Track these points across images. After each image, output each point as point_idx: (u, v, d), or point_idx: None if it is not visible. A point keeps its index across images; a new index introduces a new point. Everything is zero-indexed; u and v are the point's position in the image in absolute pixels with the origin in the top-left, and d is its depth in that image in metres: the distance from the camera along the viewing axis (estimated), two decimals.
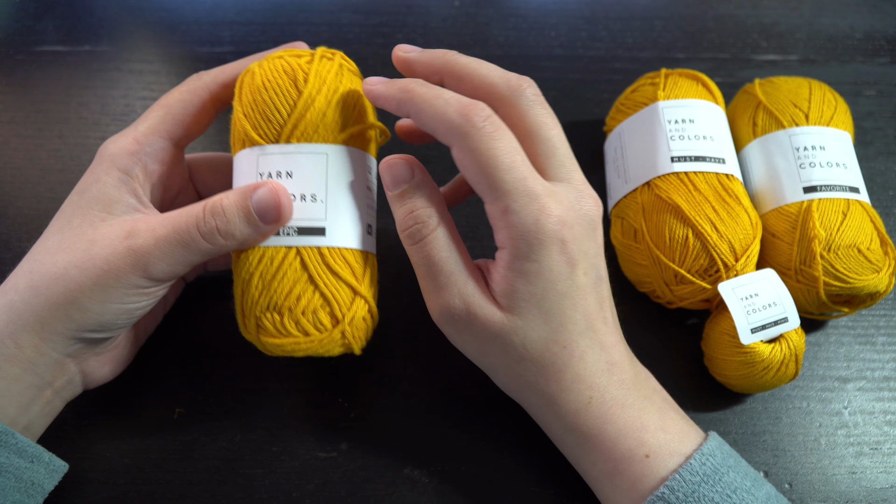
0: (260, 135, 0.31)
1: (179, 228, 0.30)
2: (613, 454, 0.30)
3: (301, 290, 0.31)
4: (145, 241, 0.30)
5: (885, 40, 0.54)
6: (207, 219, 0.30)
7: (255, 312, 0.31)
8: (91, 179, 0.32)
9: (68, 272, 0.29)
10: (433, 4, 0.54)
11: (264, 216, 0.30)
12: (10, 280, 0.31)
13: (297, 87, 0.31)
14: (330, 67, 0.32)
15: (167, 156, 0.34)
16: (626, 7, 0.55)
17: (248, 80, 0.32)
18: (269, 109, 0.31)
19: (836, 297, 0.38)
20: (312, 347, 0.31)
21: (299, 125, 0.31)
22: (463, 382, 0.39)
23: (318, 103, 0.31)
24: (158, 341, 0.39)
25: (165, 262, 0.30)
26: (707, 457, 0.29)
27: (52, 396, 0.32)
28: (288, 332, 0.31)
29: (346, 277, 0.31)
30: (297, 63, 0.32)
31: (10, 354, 0.29)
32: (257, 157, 0.31)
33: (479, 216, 0.44)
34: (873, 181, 0.47)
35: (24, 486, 0.30)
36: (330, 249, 0.31)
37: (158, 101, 0.34)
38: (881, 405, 0.39)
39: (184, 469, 0.36)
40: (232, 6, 0.53)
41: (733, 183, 0.38)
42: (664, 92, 0.41)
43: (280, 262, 0.31)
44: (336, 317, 0.31)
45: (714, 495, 0.28)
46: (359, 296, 0.32)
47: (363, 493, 0.35)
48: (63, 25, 0.52)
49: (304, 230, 0.31)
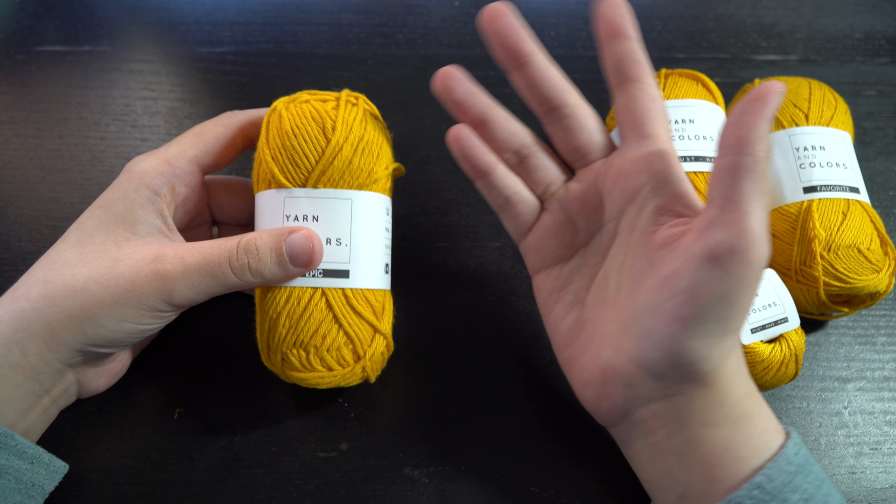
0: (287, 178, 0.32)
1: (210, 260, 0.31)
2: (768, 425, 0.30)
3: (326, 330, 0.33)
4: (174, 268, 0.30)
5: (885, 40, 0.54)
6: (240, 255, 0.31)
7: (282, 349, 0.33)
8: (118, 195, 0.32)
9: (88, 287, 0.30)
10: (433, 4, 0.54)
11: (296, 260, 0.32)
12: (20, 287, 0.31)
13: (325, 134, 0.32)
14: (355, 114, 0.33)
15: (194, 181, 0.34)
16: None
17: (276, 122, 0.33)
18: (297, 155, 0.32)
19: (836, 298, 0.38)
20: (335, 381, 0.33)
21: (327, 172, 0.32)
22: (463, 382, 0.39)
23: (344, 151, 0.32)
24: (159, 341, 0.39)
25: (190, 290, 0.31)
26: (800, 446, 0.29)
27: (49, 404, 0.32)
28: (313, 367, 0.33)
29: (368, 317, 0.33)
30: (325, 110, 0.33)
31: (15, 362, 0.29)
32: (284, 199, 0.33)
33: (480, 216, 0.44)
34: (873, 181, 0.47)
35: (24, 488, 0.30)
36: (353, 291, 0.33)
37: (192, 129, 0.35)
38: (881, 405, 0.39)
39: (184, 469, 0.36)
40: (232, 6, 0.53)
41: None
42: (664, 92, 0.41)
43: (307, 302, 0.32)
44: (358, 353, 0.33)
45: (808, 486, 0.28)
46: (378, 333, 0.34)
47: (363, 493, 0.35)
48: (63, 25, 0.52)
49: (329, 272, 0.33)
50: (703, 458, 0.29)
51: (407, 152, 0.46)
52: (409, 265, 0.42)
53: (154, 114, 0.48)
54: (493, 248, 0.43)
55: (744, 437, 0.29)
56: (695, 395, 0.29)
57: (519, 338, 0.40)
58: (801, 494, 0.28)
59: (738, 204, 0.26)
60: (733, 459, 0.29)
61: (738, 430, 0.29)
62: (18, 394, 0.30)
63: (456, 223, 0.44)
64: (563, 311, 0.34)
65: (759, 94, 0.27)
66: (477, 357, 0.39)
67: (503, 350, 0.40)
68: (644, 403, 0.30)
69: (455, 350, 0.40)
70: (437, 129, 0.47)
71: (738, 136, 0.27)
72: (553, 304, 0.35)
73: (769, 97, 0.27)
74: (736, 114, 0.27)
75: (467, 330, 0.40)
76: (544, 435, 0.37)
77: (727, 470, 0.29)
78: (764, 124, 0.27)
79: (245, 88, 0.49)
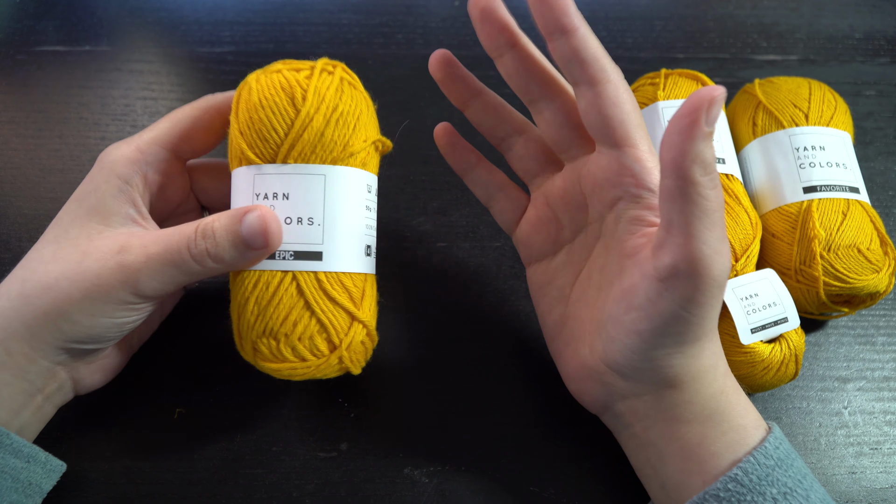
0: (256, 154, 0.31)
1: (171, 248, 0.30)
2: (744, 421, 0.30)
3: (297, 317, 0.30)
4: (136, 258, 0.30)
5: (885, 40, 0.54)
6: (198, 241, 0.30)
7: (252, 337, 0.31)
8: (90, 188, 0.32)
9: (59, 283, 0.29)
10: (433, 4, 0.54)
11: (252, 242, 0.30)
12: (3, 286, 0.31)
13: (294, 105, 0.30)
14: (330, 82, 0.31)
15: (169, 167, 0.34)
16: (626, 7, 0.55)
17: (245, 95, 0.31)
18: (265, 129, 0.30)
19: (836, 297, 0.38)
20: (309, 372, 0.31)
21: (296, 145, 0.30)
22: (463, 382, 0.39)
23: (315, 122, 0.30)
24: (159, 341, 0.39)
25: (155, 280, 0.30)
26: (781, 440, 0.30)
27: (43, 402, 0.32)
28: (284, 357, 0.31)
29: (344, 303, 0.31)
30: (296, 79, 0.31)
31: (1, 361, 0.29)
32: (254, 176, 0.31)
33: (480, 216, 0.44)
34: (873, 181, 0.47)
35: (21, 487, 0.30)
36: (327, 274, 0.31)
37: (168, 114, 0.34)
38: (881, 405, 0.39)
39: (184, 469, 0.36)
40: (232, 6, 0.53)
41: (733, 183, 0.38)
42: (664, 92, 0.41)
43: (276, 287, 0.30)
44: (333, 342, 0.31)
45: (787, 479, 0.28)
46: (357, 321, 0.32)
47: (363, 493, 0.35)
48: (63, 25, 0.52)
49: (300, 254, 0.30)
50: (677, 451, 0.30)
51: (407, 152, 0.45)
52: (408, 265, 0.42)
53: (154, 114, 0.48)
54: (493, 248, 0.43)
55: (717, 433, 0.30)
56: (663, 395, 0.30)
57: (519, 338, 0.40)
58: (780, 488, 0.28)
59: (682, 228, 0.25)
60: (707, 454, 0.29)
61: (711, 427, 0.30)
62: (8, 392, 0.30)
63: (456, 223, 0.44)
64: (550, 305, 0.35)
65: (690, 109, 0.24)
66: (477, 357, 0.39)
67: (503, 350, 0.40)
68: (619, 399, 0.32)
69: (455, 350, 0.40)
70: None
71: (672, 160, 0.24)
72: (541, 298, 0.35)
73: (701, 110, 0.23)
74: (668, 132, 0.24)
75: (467, 330, 0.40)
76: (544, 435, 0.37)
77: (702, 464, 0.29)
78: (698, 144, 0.24)
79: None
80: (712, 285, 0.26)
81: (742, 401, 0.31)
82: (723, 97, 0.24)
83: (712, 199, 0.25)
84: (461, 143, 0.37)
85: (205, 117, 0.34)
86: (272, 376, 0.34)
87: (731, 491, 0.28)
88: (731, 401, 0.30)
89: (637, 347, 0.29)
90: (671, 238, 0.26)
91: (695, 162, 0.24)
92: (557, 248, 0.35)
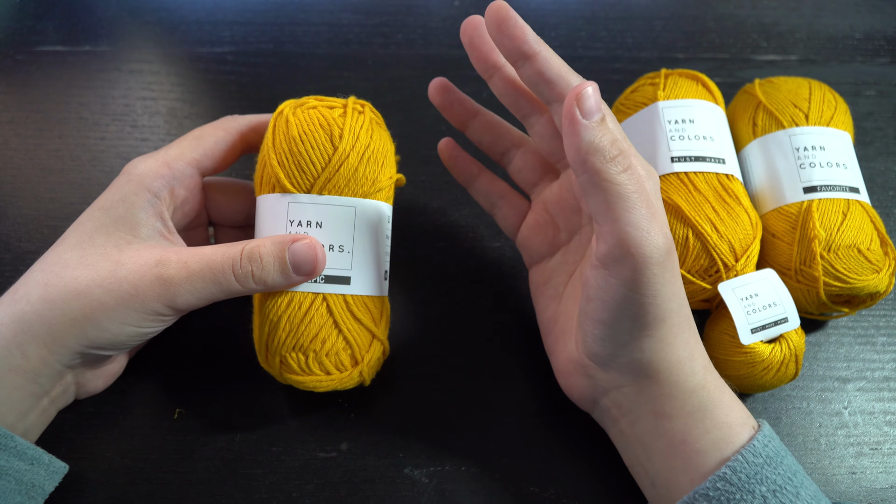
0: (292, 183, 0.33)
1: (214, 267, 0.31)
2: (729, 419, 0.30)
3: (326, 335, 0.33)
4: (177, 273, 0.30)
5: (885, 40, 0.54)
6: (244, 263, 0.31)
7: (281, 352, 0.33)
8: (117, 197, 0.32)
9: (91, 290, 0.30)
10: (433, 4, 0.54)
11: (299, 269, 0.32)
12: (20, 289, 0.31)
13: (332, 142, 0.32)
14: (361, 122, 0.34)
15: (193, 183, 0.34)
16: (626, 7, 0.55)
17: (282, 127, 0.33)
18: (304, 161, 0.32)
19: (837, 298, 0.38)
20: (332, 385, 0.34)
21: (332, 179, 0.33)
22: (463, 382, 0.39)
23: (351, 159, 0.33)
24: (159, 341, 0.39)
25: (193, 295, 0.31)
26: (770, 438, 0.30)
27: (48, 405, 0.32)
28: (311, 371, 0.33)
29: (367, 323, 0.34)
30: (332, 117, 0.33)
31: (16, 365, 0.29)
32: (288, 204, 0.33)
33: (480, 216, 0.44)
34: (873, 181, 0.47)
35: (24, 489, 0.30)
36: (353, 297, 0.33)
37: (191, 132, 0.35)
38: (881, 405, 0.39)
39: (184, 469, 0.36)
40: (232, 6, 0.53)
41: (733, 183, 0.38)
42: (664, 92, 0.41)
43: (308, 307, 0.33)
44: (356, 358, 0.34)
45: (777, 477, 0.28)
46: (376, 339, 0.35)
47: (363, 493, 0.35)
48: (63, 25, 0.52)
49: (331, 278, 0.33)
50: (663, 448, 0.31)
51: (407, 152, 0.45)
52: (409, 265, 0.42)
53: (154, 114, 0.48)
54: (493, 248, 0.43)
55: (700, 429, 0.30)
56: (643, 387, 0.31)
57: (519, 338, 0.40)
58: (769, 485, 0.28)
59: (605, 216, 0.27)
60: (692, 451, 0.30)
61: (694, 423, 0.30)
62: (18, 396, 0.30)
63: (456, 223, 0.44)
64: (546, 304, 0.36)
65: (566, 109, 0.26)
66: (477, 357, 0.39)
67: (503, 350, 0.40)
68: (605, 393, 0.32)
69: (455, 350, 0.40)
70: (437, 129, 0.47)
71: (572, 158, 0.27)
72: (539, 297, 0.37)
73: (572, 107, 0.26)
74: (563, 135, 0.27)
75: (467, 330, 0.40)
76: (544, 435, 0.37)
77: (688, 461, 0.30)
78: (585, 136, 0.26)
79: (245, 88, 0.49)
80: (649, 263, 0.27)
81: (726, 398, 0.31)
82: (592, 89, 0.26)
83: (624, 183, 0.27)
84: (463, 156, 0.39)
85: (227, 137, 0.35)
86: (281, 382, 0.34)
87: (720, 490, 0.28)
88: (714, 397, 0.31)
89: (604, 335, 0.30)
90: (600, 227, 0.28)
91: (590, 153, 0.26)
92: (555, 250, 0.37)
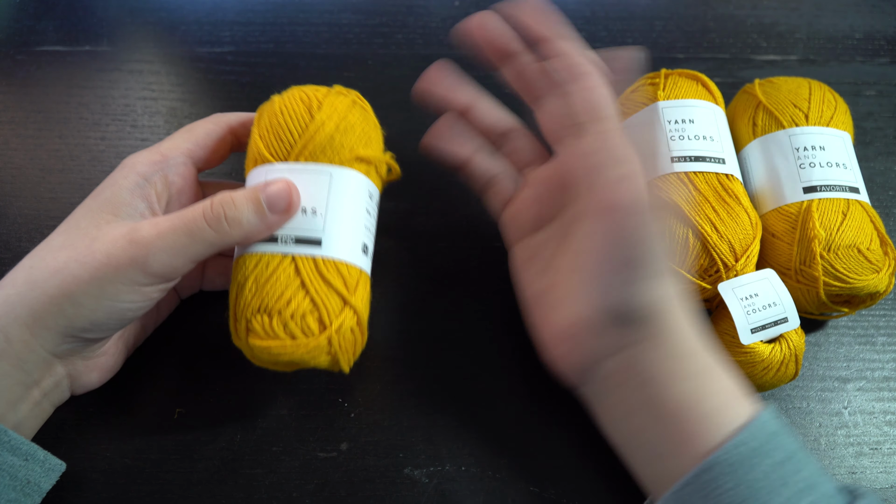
0: (271, 153, 0.33)
1: (185, 217, 0.31)
2: (729, 384, 0.30)
3: (292, 294, 0.32)
4: (148, 232, 0.30)
5: (885, 40, 0.54)
6: (216, 206, 0.31)
7: (247, 315, 0.32)
8: (108, 184, 0.33)
9: (68, 266, 0.30)
10: (433, 4, 0.54)
11: (273, 206, 0.31)
12: (9, 276, 0.31)
13: (310, 113, 0.33)
14: (344, 101, 0.34)
15: (188, 172, 0.35)
16: (626, 7, 0.55)
17: (268, 107, 0.35)
18: (282, 131, 0.33)
19: (836, 298, 0.38)
20: (298, 352, 0.32)
21: (308, 146, 0.33)
22: (463, 382, 0.39)
23: (327, 127, 0.33)
24: (158, 341, 0.39)
25: (166, 253, 0.30)
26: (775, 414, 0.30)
27: (41, 398, 0.32)
28: (276, 334, 0.32)
29: (338, 287, 0.32)
30: (314, 94, 0.34)
31: (0, 349, 0.29)
32: (266, 172, 0.33)
33: (480, 216, 0.44)
34: (873, 181, 0.47)
35: (19, 485, 0.30)
36: (324, 260, 0.33)
37: (184, 127, 0.35)
38: (881, 405, 0.39)
39: (184, 469, 0.36)
40: (232, 6, 0.53)
41: (733, 183, 0.38)
42: (664, 92, 0.41)
43: (275, 267, 0.32)
44: (324, 323, 0.32)
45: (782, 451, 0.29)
46: (348, 305, 0.33)
47: (363, 493, 0.35)
48: (63, 25, 0.52)
49: (301, 240, 0.32)
50: (670, 412, 0.30)
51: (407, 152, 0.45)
52: (409, 265, 0.42)
53: (154, 114, 0.48)
54: (494, 249, 0.43)
55: (708, 391, 0.30)
56: (646, 347, 0.31)
57: (519, 337, 0.40)
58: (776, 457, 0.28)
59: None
60: (700, 415, 0.30)
61: (702, 384, 0.30)
62: (6, 383, 0.30)
63: (456, 223, 0.44)
64: (532, 278, 0.36)
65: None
66: (476, 357, 0.39)
67: (503, 350, 0.40)
68: (608, 355, 0.32)
69: (455, 350, 0.40)
70: None
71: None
72: (524, 273, 0.36)
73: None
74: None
75: (467, 330, 0.40)
76: (544, 435, 0.37)
77: (696, 425, 0.29)
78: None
79: (245, 88, 0.49)
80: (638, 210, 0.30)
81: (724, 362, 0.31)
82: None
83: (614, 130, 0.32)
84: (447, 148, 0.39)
85: (217, 130, 0.36)
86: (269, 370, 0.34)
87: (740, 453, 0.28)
88: (718, 358, 0.31)
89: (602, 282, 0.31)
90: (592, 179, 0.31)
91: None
92: (542, 224, 0.36)
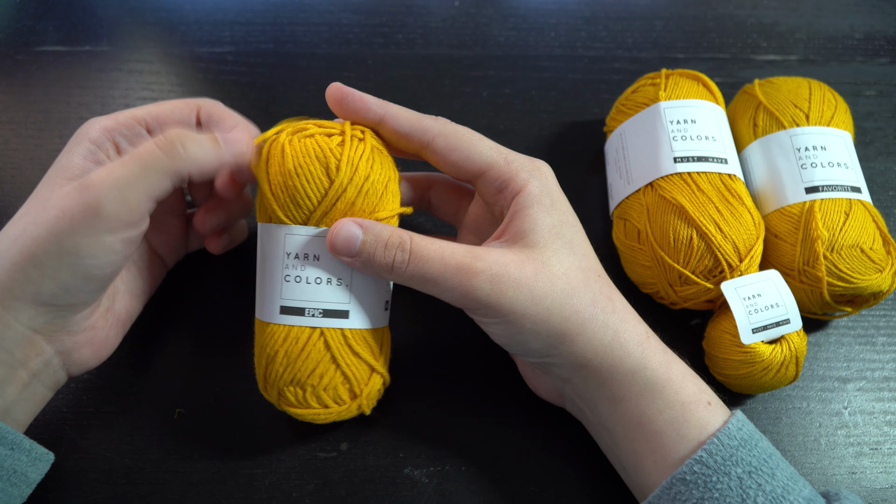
0: (287, 216, 0.32)
1: (136, 151, 0.30)
2: (680, 397, 0.31)
3: (324, 370, 0.32)
4: (97, 176, 0.30)
5: (885, 40, 0.54)
6: (169, 134, 0.31)
7: (279, 385, 0.33)
8: (63, 152, 0.33)
9: (26, 230, 0.29)
10: (433, 4, 0.54)
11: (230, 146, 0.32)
12: None
13: (328, 175, 0.31)
14: (361, 151, 0.32)
15: (140, 141, 0.34)
16: (626, 7, 0.55)
17: (278, 158, 0.32)
18: (299, 195, 0.31)
19: (840, 297, 0.38)
20: (331, 418, 0.33)
21: (329, 213, 0.32)
22: (463, 382, 0.39)
23: (348, 193, 0.31)
24: (159, 340, 0.39)
25: (119, 188, 0.29)
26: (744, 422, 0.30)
27: (29, 379, 0.31)
28: (309, 404, 0.33)
29: (366, 357, 0.33)
30: (329, 147, 0.31)
31: None
32: (284, 235, 0.32)
33: None
34: (873, 181, 0.47)
35: (5, 475, 0.29)
36: (352, 331, 0.33)
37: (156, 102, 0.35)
38: (881, 405, 0.39)
39: (184, 469, 0.35)
40: (232, 6, 0.53)
41: (736, 183, 0.38)
42: (665, 92, 0.41)
43: (305, 341, 0.32)
44: (354, 392, 0.33)
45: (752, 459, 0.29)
46: (376, 372, 0.34)
47: (363, 493, 0.35)
48: (63, 25, 0.51)
49: (328, 312, 0.32)
50: (623, 432, 0.31)
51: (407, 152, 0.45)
52: None
53: None
54: None
55: (654, 410, 0.31)
56: (586, 375, 0.32)
57: None
58: (745, 467, 0.29)
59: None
60: (650, 433, 0.30)
61: (646, 404, 0.31)
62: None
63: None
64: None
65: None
66: (477, 357, 0.39)
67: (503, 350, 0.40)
68: (563, 386, 0.34)
69: (455, 350, 0.40)
70: None
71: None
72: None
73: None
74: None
75: (467, 330, 0.40)
76: (544, 435, 0.37)
77: (648, 443, 0.30)
78: None
79: (245, 88, 0.49)
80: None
81: (675, 375, 0.31)
82: None
83: None
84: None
85: (185, 109, 0.36)
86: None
87: (696, 473, 0.29)
88: (660, 375, 0.31)
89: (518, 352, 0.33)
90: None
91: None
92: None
